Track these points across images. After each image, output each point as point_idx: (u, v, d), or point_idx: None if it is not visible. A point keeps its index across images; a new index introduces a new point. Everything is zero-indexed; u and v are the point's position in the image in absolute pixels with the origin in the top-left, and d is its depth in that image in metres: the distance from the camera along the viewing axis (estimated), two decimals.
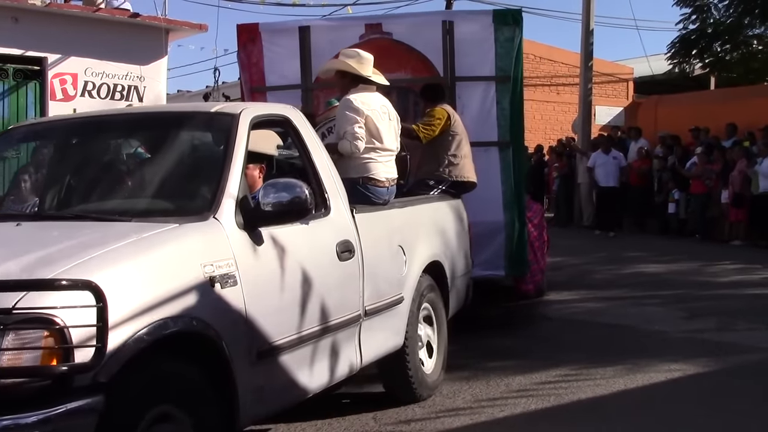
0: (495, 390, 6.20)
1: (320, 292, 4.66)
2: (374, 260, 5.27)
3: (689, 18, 23.91)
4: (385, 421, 5.53)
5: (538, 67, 29.67)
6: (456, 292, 6.73)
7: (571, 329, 8.50)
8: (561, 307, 9.59)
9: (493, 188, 8.10)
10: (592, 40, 20.30)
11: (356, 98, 5.93)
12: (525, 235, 8.23)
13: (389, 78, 7.90)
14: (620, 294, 10.53)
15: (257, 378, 4.14)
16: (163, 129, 5.11)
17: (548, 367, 6.73)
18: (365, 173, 5.86)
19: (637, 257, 14.15)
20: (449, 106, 7.69)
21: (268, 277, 4.30)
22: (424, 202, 6.68)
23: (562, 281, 11.18)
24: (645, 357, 7.06)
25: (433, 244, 6.30)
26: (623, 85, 30.60)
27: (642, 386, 6.27)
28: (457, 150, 7.45)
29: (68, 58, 15.18)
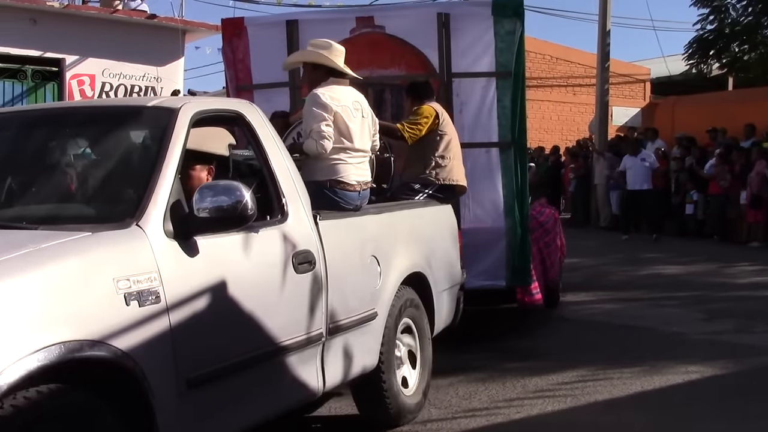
0: (511, 391, 6.18)
1: (269, 309, 4.13)
2: (341, 272, 4.73)
3: (707, 18, 23.83)
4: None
5: (555, 68, 29.63)
6: (443, 306, 6.14)
7: (588, 330, 8.47)
8: (578, 309, 9.56)
9: (493, 192, 7.61)
10: (608, 40, 20.24)
11: (324, 93, 5.40)
12: (528, 242, 7.66)
13: (382, 75, 7.77)
14: (637, 295, 10.49)
15: (186, 411, 3.58)
16: (93, 125, 4.52)
17: (565, 369, 6.71)
18: (333, 176, 5.33)
19: (654, 258, 14.09)
20: (437, 104, 7.13)
21: (203, 293, 3.73)
22: (404, 207, 6.08)
23: (579, 282, 11.14)
24: (662, 359, 7.02)
25: (415, 253, 5.71)
26: (640, 86, 30.52)
27: (659, 388, 6.23)
28: (445, 151, 6.88)
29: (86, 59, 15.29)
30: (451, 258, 6.38)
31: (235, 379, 3.90)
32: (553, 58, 29.62)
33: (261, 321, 4.07)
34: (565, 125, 29.57)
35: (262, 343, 4.09)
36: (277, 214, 4.45)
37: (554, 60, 29.64)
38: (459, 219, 7.10)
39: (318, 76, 5.62)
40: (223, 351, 3.83)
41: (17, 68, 14.77)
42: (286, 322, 4.27)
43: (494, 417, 5.59)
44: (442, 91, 7.60)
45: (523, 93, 7.67)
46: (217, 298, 3.80)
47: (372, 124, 5.72)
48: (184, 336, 3.55)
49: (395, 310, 5.31)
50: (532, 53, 29.03)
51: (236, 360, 3.89)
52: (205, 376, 3.67)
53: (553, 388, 6.21)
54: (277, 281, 4.23)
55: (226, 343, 3.87)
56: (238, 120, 4.62)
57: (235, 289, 3.91)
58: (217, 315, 3.79)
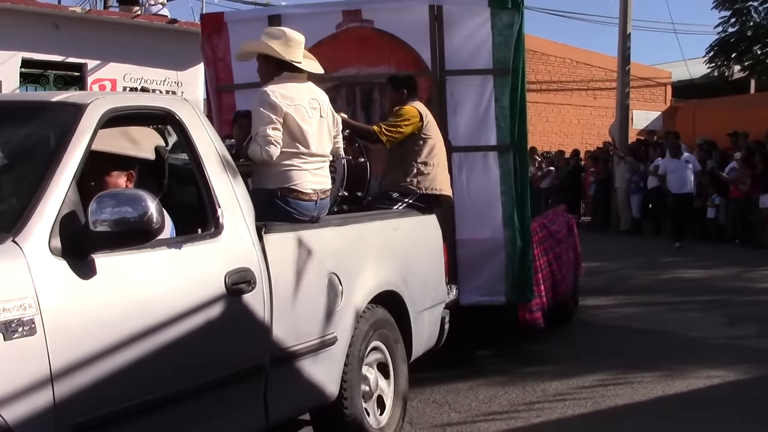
0: (531, 395, 6.16)
1: (190, 339, 3.54)
2: (290, 293, 4.20)
3: (728, 21, 23.72)
4: (421, 425, 5.52)
5: (575, 71, 29.58)
6: (423, 327, 5.56)
7: (608, 335, 8.43)
8: (598, 313, 9.52)
9: (491, 200, 6.97)
10: (629, 44, 20.19)
11: (274, 91, 4.80)
12: (529, 254, 7.01)
13: (371, 73, 7.15)
14: (658, 299, 10.43)
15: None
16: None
17: (585, 373, 6.69)
18: (285, 183, 4.78)
19: (675, 262, 14.01)
20: (421, 104, 6.48)
21: (98, 323, 3.16)
22: (376, 218, 5.44)
23: (599, 286, 11.09)
24: (683, 363, 6.99)
25: (388, 269, 5.15)
26: (661, 89, 30.41)
27: (680, 393, 6.20)
28: (428, 157, 6.23)
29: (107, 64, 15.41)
30: (434, 274, 5.82)
31: (144, 424, 3.35)
32: (573, 62, 29.58)
33: (179, 353, 3.49)
34: (586, 129, 29.50)
35: (181, 379, 3.51)
36: (210, 227, 3.89)
37: (575, 63, 29.59)
38: (454, 229, 6.82)
39: (270, 70, 5.01)
40: (125, 391, 3.25)
41: (40, 73, 14.91)
42: (215, 352, 3.73)
43: (514, 421, 5.58)
44: (434, 90, 7.08)
45: (523, 92, 7.04)
46: (119, 328, 3.24)
47: (333, 125, 5.13)
48: (69, 375, 3.00)
49: (361, 333, 4.74)
50: (553, 57, 29.06)
51: (145, 400, 3.32)
52: (99, 421, 3.12)
53: (573, 393, 6.19)
54: (201, 306, 3.64)
55: (130, 382, 3.28)
56: (168, 119, 4.06)
57: (143, 316, 3.36)
58: (118, 348, 3.22)
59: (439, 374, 6.57)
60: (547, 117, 29.32)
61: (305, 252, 4.43)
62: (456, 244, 6.86)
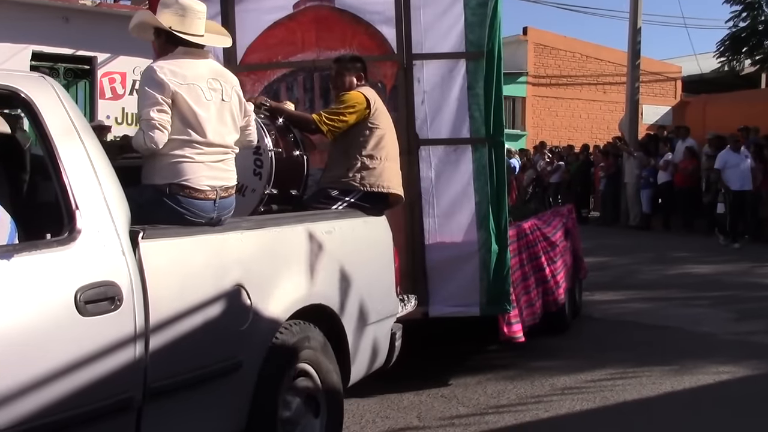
0: (540, 390, 6.16)
1: (17, 371, 2.87)
2: (175, 310, 3.48)
3: (739, 15, 23.62)
4: (428, 419, 5.53)
5: (585, 66, 29.55)
6: (366, 345, 4.88)
7: (617, 330, 8.42)
8: (606, 308, 9.51)
9: (463, 200, 6.29)
10: (639, 38, 20.15)
11: (163, 67, 3.99)
12: (506, 260, 6.23)
13: (330, 58, 6.16)
14: (667, 295, 10.41)
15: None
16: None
17: (593, 368, 6.68)
18: (175, 178, 3.97)
19: (684, 258, 13.99)
20: (371, 89, 5.69)
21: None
22: (304, 220, 4.60)
23: (608, 281, 11.09)
24: (692, 359, 6.98)
25: (318, 280, 4.41)
26: (671, 84, 30.34)
27: (689, 388, 6.19)
28: (375, 150, 5.44)
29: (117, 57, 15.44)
30: (381, 284, 5.11)
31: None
32: (583, 56, 29.55)
33: (12, 388, 2.85)
34: (595, 123, 29.47)
35: (15, 420, 2.84)
36: (64, 232, 3.19)
37: (584, 58, 29.56)
38: (421, 232, 6.27)
39: (162, 45, 4.22)
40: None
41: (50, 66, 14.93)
42: (64, 386, 3.00)
43: (522, 415, 5.58)
44: (400, 76, 6.37)
45: (499, 78, 6.26)
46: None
47: (240, 112, 4.35)
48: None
49: (278, 355, 4.04)
50: (562, 51, 29.04)
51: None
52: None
53: (581, 387, 6.19)
54: (38, 331, 2.96)
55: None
56: (13, 100, 3.38)
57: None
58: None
59: (447, 369, 6.58)
60: (556, 111, 29.30)
61: (201, 261, 3.74)
62: (424, 249, 6.29)
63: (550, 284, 7.46)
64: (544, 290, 7.40)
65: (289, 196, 5.19)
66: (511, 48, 28.55)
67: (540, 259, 7.39)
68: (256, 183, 4.98)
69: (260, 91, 6.65)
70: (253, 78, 6.78)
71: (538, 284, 7.29)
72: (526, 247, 7.20)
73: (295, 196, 5.25)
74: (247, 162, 4.83)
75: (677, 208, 18.15)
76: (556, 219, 8.43)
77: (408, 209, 6.19)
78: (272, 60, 6.76)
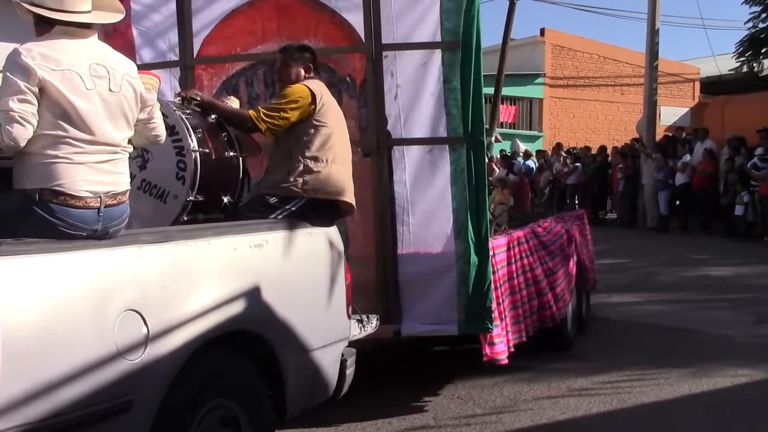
0: (556, 391, 6.14)
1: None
2: (37, 343, 2.87)
3: (758, 16, 23.45)
4: (444, 420, 5.52)
5: (603, 67, 29.47)
6: (307, 375, 4.27)
7: (634, 332, 8.38)
8: (624, 310, 9.46)
9: (439, 205, 5.73)
10: (657, 39, 20.11)
11: (31, 49, 3.32)
12: (488, 272, 5.64)
13: None
14: (685, 297, 10.36)
15: None
16: None
17: (610, 370, 6.66)
18: (47, 182, 3.33)
19: (702, 260, 13.92)
20: (320, 82, 5.04)
21: None
22: (226, 232, 3.92)
23: (626, 283, 11.05)
24: (710, 361, 6.94)
25: (241, 301, 3.81)
26: (689, 85, 30.21)
27: (707, 391, 6.16)
28: (321, 151, 4.77)
29: None
30: (327, 304, 4.48)
31: None
32: (600, 58, 29.45)
33: None
34: (612, 125, 29.37)
35: None
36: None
37: (602, 59, 29.47)
38: (393, 241, 5.75)
39: (36, 25, 3.54)
40: None
41: None
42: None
43: (539, 417, 5.56)
44: (369, 69, 5.79)
45: (479, 70, 5.66)
46: None
47: (135, 103, 3.67)
48: None
49: (183, 391, 3.43)
50: (580, 52, 28.95)
51: None
52: None
53: (599, 390, 6.16)
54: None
55: None
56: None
57: None
58: None
59: (463, 370, 6.57)
60: (573, 113, 29.22)
61: (75, 282, 3.10)
62: (396, 260, 5.75)
63: (546, 298, 6.87)
64: (540, 304, 6.80)
65: (222, 204, 4.54)
66: (529, 49, 28.51)
67: (535, 270, 6.81)
68: (179, 188, 4.34)
69: (218, 86, 6.19)
70: (210, 72, 6.24)
71: (532, 298, 6.68)
72: (520, 256, 6.59)
73: (229, 204, 4.59)
74: (169, 164, 4.34)
75: (695, 210, 18.06)
76: (557, 226, 7.76)
77: (378, 216, 5.75)
78: (231, 52, 6.21)
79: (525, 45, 28.40)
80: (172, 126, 4.29)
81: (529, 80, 28.15)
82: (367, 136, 5.85)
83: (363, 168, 5.65)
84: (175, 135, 4.32)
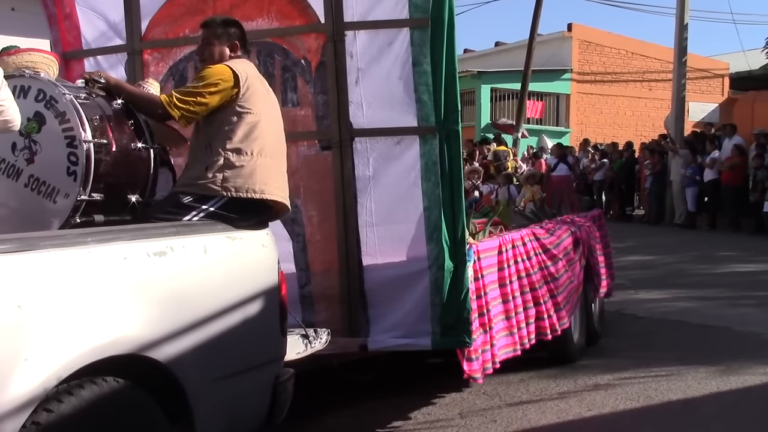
0: (583, 388, 6.12)
1: None
2: None
3: None
4: (470, 415, 5.51)
5: (630, 63, 29.31)
6: (224, 404, 3.59)
7: (662, 329, 8.33)
8: (651, 306, 9.41)
9: (409, 205, 5.13)
10: (686, 34, 19.99)
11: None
12: (465, 280, 5.04)
13: (246, 30, 4.73)
14: (713, 294, 10.28)
15: None
16: None
17: (638, 367, 6.62)
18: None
19: (731, 257, 13.79)
20: (247, 62, 4.38)
21: None
22: (112, 239, 3.26)
23: (654, 280, 10.99)
24: (739, 359, 6.88)
25: (133, 321, 3.13)
26: (718, 81, 29.99)
27: (736, 389, 6.11)
28: (245, 142, 4.07)
29: None
30: (253, 321, 3.79)
31: None
32: (628, 53, 29.29)
33: None
34: (640, 121, 29.21)
35: None
36: None
37: (630, 55, 29.30)
38: (357, 246, 5.18)
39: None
40: None
41: None
42: None
43: (565, 414, 5.54)
44: (328, 50, 5.20)
45: (452, 51, 5.05)
46: None
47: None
48: None
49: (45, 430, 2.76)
50: (608, 48, 28.79)
51: None
52: None
53: (625, 387, 6.13)
54: None
55: None
56: None
57: None
58: None
59: None
60: (601, 109, 29.07)
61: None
62: (361, 267, 5.21)
63: (545, 306, 6.22)
64: (537, 313, 6.14)
65: (129, 204, 3.95)
66: (556, 44, 28.41)
67: (533, 275, 6.19)
68: (70, 185, 3.73)
69: (165, 72, 5.62)
70: (157, 57, 5.68)
71: (528, 306, 6.05)
72: (515, 260, 5.98)
73: (138, 204, 3.98)
74: (59, 158, 3.74)
75: (724, 206, 17.92)
76: (561, 229, 7.03)
77: (340, 217, 5.20)
78: (178, 35, 5.63)
79: (552, 40, 28.31)
80: (62, 112, 3.74)
81: (556, 76, 28.04)
82: (326, 127, 5.25)
83: (321, 163, 5.24)
84: (66, 123, 3.73)
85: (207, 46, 4.33)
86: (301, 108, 4.98)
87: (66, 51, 5.89)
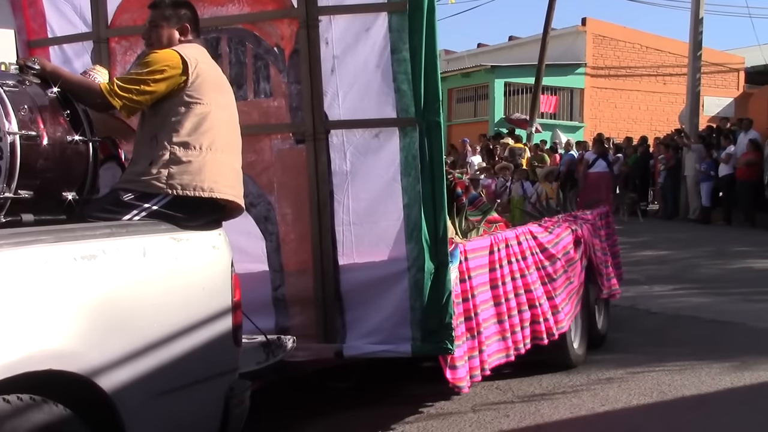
0: (596, 383, 6.11)
1: None
2: None
3: None
4: (483, 410, 5.50)
5: (645, 57, 29.21)
6: (168, 420, 3.30)
7: (676, 324, 8.31)
8: (665, 302, 9.38)
9: (388, 201, 4.84)
10: (701, 28, 19.90)
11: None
12: (447, 282, 4.73)
13: (217, 17, 4.78)
14: (728, 289, 10.23)
15: None
16: None
17: (651, 362, 6.60)
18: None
19: (745, 252, 13.73)
20: (199, 46, 4.01)
21: None
22: (31, 241, 2.91)
23: (667, 275, 10.96)
24: (753, 355, 6.85)
25: (56, 333, 2.83)
26: (734, 75, 29.84)
27: (750, 385, 6.08)
28: (193, 135, 3.75)
29: None
30: (203, 329, 3.49)
31: None
32: (642, 47, 29.19)
33: None
34: (654, 115, 29.11)
35: None
36: None
37: (644, 49, 29.20)
38: (333, 247, 4.90)
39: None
40: None
41: None
42: None
43: (578, 408, 5.54)
44: (302, 36, 4.90)
45: (432, 37, 4.74)
46: None
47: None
48: None
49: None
50: (622, 42, 28.70)
51: None
52: None
53: (639, 382, 6.11)
54: None
55: None
56: None
57: None
58: None
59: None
60: (615, 103, 29.00)
61: None
62: (337, 267, 4.93)
63: (541, 309, 5.91)
64: (533, 317, 5.85)
65: (64, 202, 3.60)
66: (570, 39, 28.33)
67: (528, 276, 5.88)
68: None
69: (133, 61, 5.21)
70: (125, 45, 5.35)
71: (523, 309, 5.75)
72: (508, 260, 5.68)
73: (74, 202, 3.63)
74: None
75: (739, 201, 17.84)
76: (562, 224, 6.75)
77: (315, 215, 4.92)
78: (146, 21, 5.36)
79: (566, 35, 28.24)
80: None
81: (570, 70, 27.98)
82: (300, 118, 4.96)
83: (295, 157, 4.97)
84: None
85: (154, 28, 3.99)
86: (274, 99, 4.77)
87: (30, 39, 5.57)
